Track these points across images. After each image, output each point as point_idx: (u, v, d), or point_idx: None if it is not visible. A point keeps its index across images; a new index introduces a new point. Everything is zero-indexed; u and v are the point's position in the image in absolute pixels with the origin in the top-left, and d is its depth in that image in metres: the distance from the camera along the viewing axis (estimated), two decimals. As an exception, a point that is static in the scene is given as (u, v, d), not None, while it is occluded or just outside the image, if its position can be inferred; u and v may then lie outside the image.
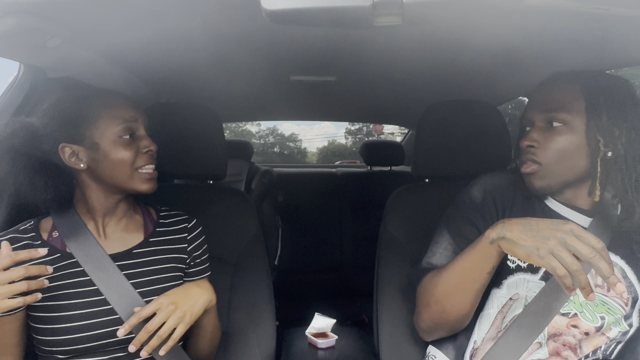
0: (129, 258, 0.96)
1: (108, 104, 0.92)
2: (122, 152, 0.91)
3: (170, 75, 1.45)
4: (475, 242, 0.88)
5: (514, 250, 0.79)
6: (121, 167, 0.92)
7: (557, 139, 0.90)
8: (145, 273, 0.95)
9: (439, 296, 0.92)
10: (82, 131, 0.90)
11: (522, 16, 0.88)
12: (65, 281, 0.90)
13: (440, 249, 1.00)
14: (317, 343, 1.21)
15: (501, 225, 0.82)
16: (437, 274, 0.94)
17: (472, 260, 0.88)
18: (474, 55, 1.23)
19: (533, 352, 0.90)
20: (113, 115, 0.91)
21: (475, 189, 1.02)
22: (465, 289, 0.90)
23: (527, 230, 0.78)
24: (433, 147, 1.26)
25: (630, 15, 0.75)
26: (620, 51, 1.04)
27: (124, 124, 0.92)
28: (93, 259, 0.91)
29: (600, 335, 0.90)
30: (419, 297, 0.98)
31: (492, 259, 0.85)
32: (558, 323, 0.91)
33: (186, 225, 1.06)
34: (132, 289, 0.91)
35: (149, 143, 0.95)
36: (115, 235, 0.98)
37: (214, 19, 0.95)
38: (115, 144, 0.91)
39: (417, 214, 1.24)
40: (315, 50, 1.22)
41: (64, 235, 0.92)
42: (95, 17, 0.89)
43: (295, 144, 8.75)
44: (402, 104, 2.09)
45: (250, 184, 2.43)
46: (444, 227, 1.02)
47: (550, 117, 0.91)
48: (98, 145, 0.90)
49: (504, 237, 0.80)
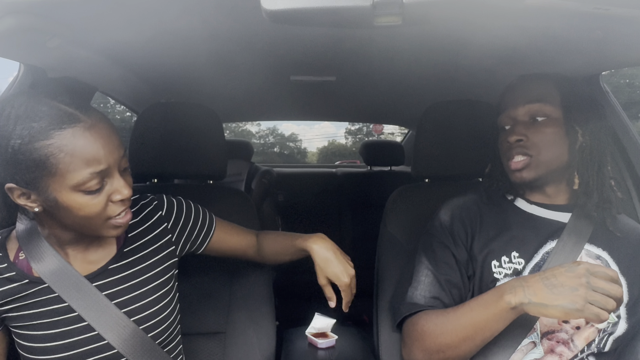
0: (105, 277, 0.85)
1: (69, 150, 0.70)
2: (86, 206, 0.74)
3: (170, 75, 1.45)
4: (487, 302, 0.84)
5: (545, 312, 0.76)
6: (86, 220, 0.76)
7: (543, 131, 0.94)
8: (127, 290, 0.86)
9: (442, 346, 0.89)
10: (35, 180, 0.71)
11: (522, 16, 0.88)
12: (41, 309, 0.80)
13: (422, 277, 0.99)
14: (317, 343, 1.20)
15: (520, 290, 0.79)
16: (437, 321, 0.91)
17: (485, 320, 0.84)
18: (474, 55, 1.23)
19: (528, 352, 0.91)
20: (75, 167, 0.71)
21: (442, 213, 1.05)
22: (473, 342, 0.87)
23: (551, 288, 0.76)
24: (433, 147, 1.26)
25: (630, 15, 0.75)
26: (620, 51, 1.04)
27: (90, 176, 0.72)
28: (66, 283, 0.81)
29: (590, 327, 0.90)
30: (411, 336, 0.95)
31: (510, 320, 0.83)
32: (550, 321, 0.91)
33: (160, 213, 0.95)
34: (116, 309, 0.83)
35: (123, 189, 0.76)
36: (85, 257, 0.86)
37: (214, 19, 0.95)
38: (78, 197, 0.73)
39: (417, 214, 1.24)
40: (315, 50, 1.22)
41: (29, 257, 0.81)
42: (95, 17, 0.89)
43: (295, 144, 8.76)
44: (402, 104, 2.09)
45: (250, 184, 2.43)
46: (422, 255, 1.02)
47: (533, 110, 0.95)
48: (55, 199, 0.72)
49: (529, 302, 0.78)
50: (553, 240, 0.95)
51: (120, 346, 0.82)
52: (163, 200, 0.98)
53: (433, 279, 0.98)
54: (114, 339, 0.82)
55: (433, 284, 0.97)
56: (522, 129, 0.95)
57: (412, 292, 0.99)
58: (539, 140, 0.94)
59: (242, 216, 1.28)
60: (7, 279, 0.80)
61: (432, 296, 0.96)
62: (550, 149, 0.94)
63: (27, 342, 0.81)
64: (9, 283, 0.80)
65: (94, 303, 0.82)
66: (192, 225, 1.00)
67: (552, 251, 0.93)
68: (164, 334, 0.90)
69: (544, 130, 0.94)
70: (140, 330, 0.85)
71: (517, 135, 0.95)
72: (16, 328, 0.82)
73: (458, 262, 0.98)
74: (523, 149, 0.95)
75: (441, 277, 0.97)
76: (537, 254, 0.94)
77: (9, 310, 0.81)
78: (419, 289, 0.98)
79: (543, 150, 0.94)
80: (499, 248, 0.96)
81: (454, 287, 0.97)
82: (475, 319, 0.85)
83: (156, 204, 0.96)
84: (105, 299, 0.83)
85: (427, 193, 1.29)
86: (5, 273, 0.81)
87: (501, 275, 0.94)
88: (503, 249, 0.96)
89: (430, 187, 1.31)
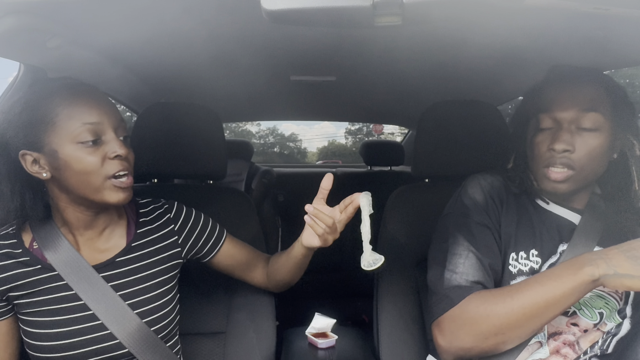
0: (112, 268, 0.89)
1: (66, 103, 0.80)
2: (83, 160, 0.79)
3: (170, 75, 1.45)
4: (561, 276, 0.78)
5: (629, 284, 0.73)
6: (86, 177, 0.81)
7: (590, 143, 0.87)
8: (132, 282, 0.89)
9: (502, 327, 0.81)
10: (39, 136, 0.79)
11: (523, 16, 0.88)
12: (50, 296, 0.85)
13: (461, 260, 0.91)
14: (317, 343, 1.20)
15: (602, 261, 0.75)
16: (495, 301, 0.82)
17: (560, 295, 0.77)
18: (474, 55, 1.23)
19: (534, 352, 0.90)
20: (72, 117, 0.79)
21: (472, 191, 0.98)
22: (541, 320, 0.80)
23: (634, 259, 0.73)
24: (433, 147, 1.26)
25: (630, 15, 0.75)
26: (620, 51, 1.03)
27: (84, 127, 0.79)
28: (75, 272, 0.85)
29: (596, 330, 0.90)
30: (457, 322, 0.85)
31: (585, 293, 0.78)
32: (557, 322, 0.91)
33: (169, 216, 0.99)
34: (120, 300, 0.86)
35: (117, 147, 0.82)
36: (95, 246, 0.91)
37: (214, 19, 0.95)
38: (76, 150, 0.79)
39: (417, 214, 1.24)
40: (315, 50, 1.22)
41: (42, 246, 0.86)
42: (95, 17, 0.89)
43: (295, 144, 8.75)
44: (402, 104, 2.09)
45: (250, 184, 2.43)
46: (458, 235, 0.93)
47: (583, 119, 0.87)
48: (57, 152, 0.79)
49: (615, 274, 0.73)
50: (566, 241, 0.93)
51: (124, 339, 0.85)
52: (173, 205, 1.02)
53: (476, 261, 0.89)
54: (118, 330, 0.85)
55: (476, 267, 0.89)
56: (569, 137, 0.87)
57: (450, 276, 0.89)
58: (585, 155, 0.86)
59: (242, 216, 1.28)
60: (21, 263, 0.85)
61: (475, 280, 0.88)
62: (594, 163, 0.88)
63: (33, 328, 0.84)
64: (23, 267, 0.85)
65: (101, 294, 0.85)
66: (199, 232, 1.02)
67: (564, 252, 0.91)
68: (165, 330, 0.92)
69: (592, 143, 0.86)
70: (144, 325, 0.88)
71: (564, 144, 0.86)
72: (24, 315, 0.85)
73: (498, 246, 0.92)
74: (568, 160, 0.87)
75: (485, 261, 0.90)
76: (555, 254, 0.92)
77: (20, 296, 0.84)
78: (457, 272, 0.89)
79: (587, 166, 0.87)
80: (520, 241, 0.93)
81: (495, 272, 0.91)
82: (548, 294, 0.78)
83: (166, 207, 1.01)
84: (112, 291, 0.86)
85: (427, 193, 1.28)
86: (20, 257, 0.85)
87: (515, 270, 0.91)
88: (523, 243, 0.92)
89: (430, 187, 1.31)
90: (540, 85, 0.96)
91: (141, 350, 0.87)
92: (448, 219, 0.99)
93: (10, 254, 0.85)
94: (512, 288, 0.83)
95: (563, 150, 0.87)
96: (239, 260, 1.08)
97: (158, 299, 0.91)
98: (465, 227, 0.94)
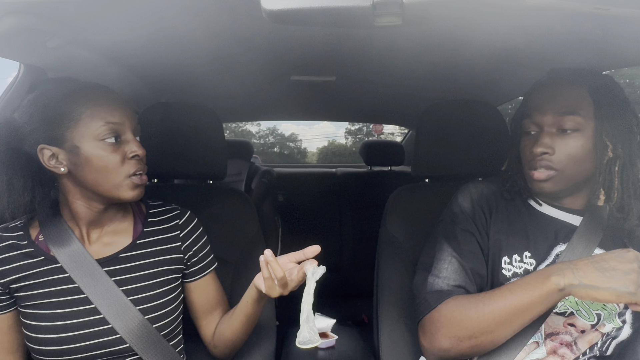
0: (115, 263, 0.90)
1: (91, 103, 0.83)
2: (105, 157, 0.83)
3: (170, 75, 1.45)
4: (530, 284, 0.80)
5: (595, 295, 0.74)
6: (105, 173, 0.84)
7: (571, 145, 0.89)
8: (135, 279, 0.90)
9: (475, 331, 0.84)
10: (61, 132, 0.82)
11: (522, 16, 0.88)
12: (51, 288, 0.85)
13: (445, 265, 0.95)
14: (317, 343, 1.20)
15: (569, 271, 0.77)
16: (469, 306, 0.86)
17: (528, 303, 0.80)
18: (474, 55, 1.23)
19: (531, 352, 0.91)
20: (95, 116, 0.83)
21: (461, 200, 1.02)
22: (511, 327, 0.83)
23: (602, 271, 0.75)
24: (433, 147, 1.26)
25: (630, 15, 0.75)
26: (620, 51, 1.04)
27: (107, 126, 0.83)
28: (80, 265, 0.86)
29: (594, 331, 0.90)
30: (436, 324, 0.89)
31: (554, 302, 0.80)
32: (555, 322, 0.91)
33: (177, 221, 1.00)
34: (123, 296, 0.87)
35: (136, 147, 0.87)
36: (101, 240, 0.92)
37: (214, 19, 0.95)
38: (97, 148, 0.83)
39: (417, 214, 1.24)
40: (315, 50, 1.22)
41: (48, 239, 0.87)
42: (95, 17, 0.89)
43: (295, 144, 8.74)
44: (402, 104, 2.09)
45: (250, 184, 2.43)
46: (444, 243, 0.97)
47: (562, 122, 0.89)
48: (78, 149, 0.82)
49: (579, 284, 0.75)
50: (564, 242, 0.93)
51: (125, 334, 0.86)
52: (185, 213, 1.03)
53: (458, 266, 0.93)
54: (120, 325, 0.85)
55: (458, 272, 0.93)
56: (549, 140, 0.89)
57: (433, 280, 0.93)
58: (566, 156, 0.89)
59: (242, 216, 1.28)
60: (25, 254, 0.87)
61: (457, 284, 0.92)
62: (577, 164, 0.89)
63: (34, 320, 0.84)
64: (27, 258, 0.86)
65: (104, 288, 0.86)
66: (197, 248, 1.02)
67: (561, 254, 0.91)
68: (167, 329, 0.93)
69: (573, 144, 0.88)
70: (146, 321, 0.88)
71: (543, 147, 0.89)
72: (25, 308, 0.85)
73: (483, 252, 0.95)
74: (548, 162, 0.89)
75: (467, 265, 0.93)
76: (550, 255, 0.93)
77: (22, 287, 0.85)
78: (441, 277, 0.93)
79: (569, 166, 0.89)
80: (512, 244, 0.94)
81: (479, 276, 0.94)
82: (516, 302, 0.81)
83: (177, 213, 1.02)
84: (115, 286, 0.87)
85: (427, 193, 1.29)
86: (24, 249, 0.87)
87: (510, 273, 0.92)
88: (515, 246, 0.94)
89: (430, 187, 1.31)
90: (528, 92, 0.99)
91: (142, 347, 0.87)
92: (439, 226, 1.03)
93: (15, 245, 0.87)
94: (487, 294, 0.86)
95: (541, 152, 0.90)
96: (210, 297, 1.04)
97: (160, 297, 0.92)
98: (452, 234, 0.98)
